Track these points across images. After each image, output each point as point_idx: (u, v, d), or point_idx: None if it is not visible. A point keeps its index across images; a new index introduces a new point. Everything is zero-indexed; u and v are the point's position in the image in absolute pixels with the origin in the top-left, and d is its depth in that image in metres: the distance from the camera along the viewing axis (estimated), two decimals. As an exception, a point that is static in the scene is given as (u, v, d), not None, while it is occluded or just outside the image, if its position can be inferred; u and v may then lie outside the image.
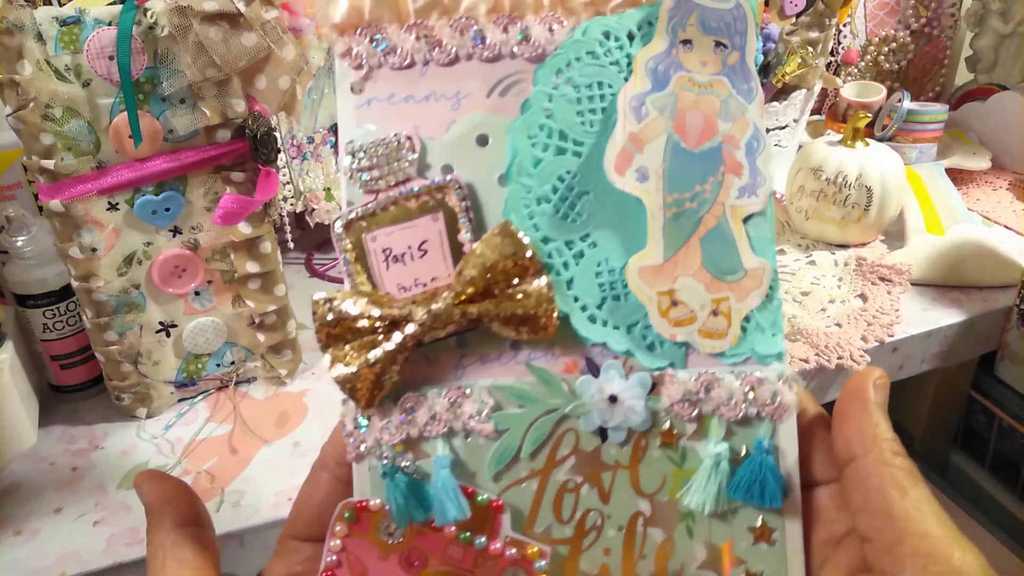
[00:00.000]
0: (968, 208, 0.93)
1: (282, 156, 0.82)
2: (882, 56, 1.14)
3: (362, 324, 0.29)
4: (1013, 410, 0.83)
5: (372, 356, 0.29)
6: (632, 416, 0.30)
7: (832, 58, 1.13)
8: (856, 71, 1.15)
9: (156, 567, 0.31)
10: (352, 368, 0.29)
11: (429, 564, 0.30)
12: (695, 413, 0.30)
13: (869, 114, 0.85)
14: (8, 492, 0.59)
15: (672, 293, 0.30)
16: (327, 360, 0.29)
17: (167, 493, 0.33)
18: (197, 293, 0.66)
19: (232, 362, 0.69)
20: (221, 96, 0.59)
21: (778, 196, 0.94)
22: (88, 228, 0.60)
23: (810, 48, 0.88)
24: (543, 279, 0.29)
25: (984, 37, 1.12)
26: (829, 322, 0.74)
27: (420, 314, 0.29)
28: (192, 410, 0.68)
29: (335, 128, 0.83)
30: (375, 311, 0.29)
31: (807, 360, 0.69)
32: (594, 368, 0.30)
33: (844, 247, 0.86)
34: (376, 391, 0.29)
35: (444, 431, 0.30)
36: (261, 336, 0.68)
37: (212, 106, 0.59)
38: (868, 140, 0.84)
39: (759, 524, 0.30)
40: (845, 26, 1.13)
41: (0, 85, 0.55)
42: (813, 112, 1.10)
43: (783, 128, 0.92)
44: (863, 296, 0.78)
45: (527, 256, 0.29)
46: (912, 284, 0.80)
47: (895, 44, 1.14)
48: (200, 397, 0.69)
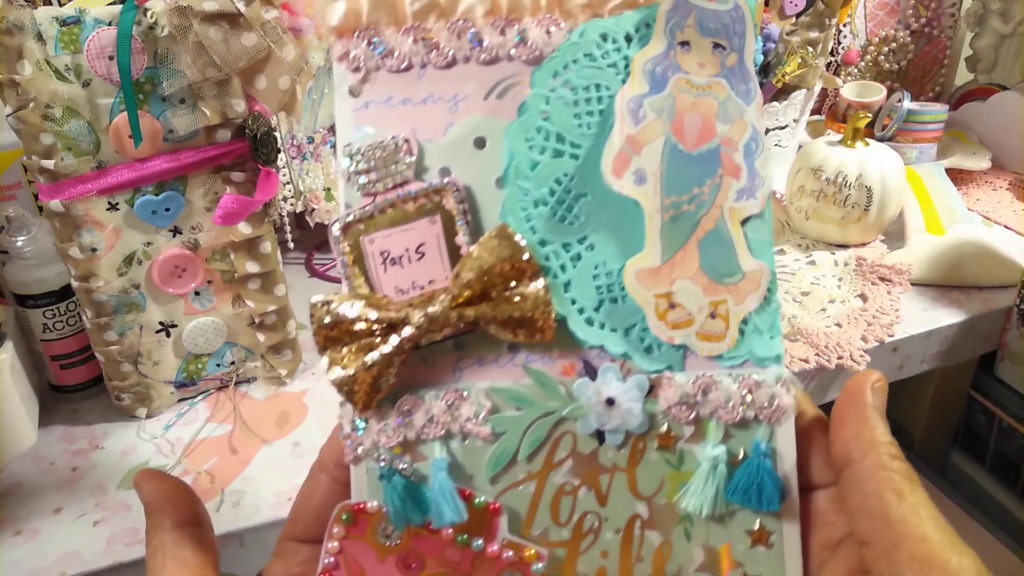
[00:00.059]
0: (968, 208, 0.93)
1: (282, 156, 0.82)
2: (882, 56, 1.14)
3: (359, 327, 0.29)
4: (1013, 410, 0.83)
5: (369, 359, 0.29)
6: (629, 419, 0.30)
7: (832, 58, 1.13)
8: (856, 71, 1.15)
9: (155, 567, 0.31)
10: (349, 371, 0.29)
11: (427, 566, 0.30)
12: (693, 416, 0.30)
13: (869, 114, 0.85)
14: (8, 492, 0.59)
15: (670, 296, 0.30)
16: (325, 362, 0.29)
17: (167, 493, 0.33)
18: (197, 293, 0.66)
19: (232, 362, 0.69)
20: (221, 96, 0.59)
21: (778, 196, 0.94)
22: (88, 228, 0.60)
23: (810, 48, 0.88)
24: (540, 282, 0.29)
25: (984, 37, 1.11)
26: (829, 322, 0.74)
27: (417, 317, 0.29)
28: (192, 410, 0.68)
29: (335, 128, 0.83)
30: (372, 314, 0.29)
31: (807, 360, 0.69)
32: (591, 371, 0.30)
33: (844, 247, 0.86)
34: (373, 394, 0.29)
35: (441, 434, 0.30)
36: (261, 336, 0.68)
37: (212, 106, 0.59)
38: (868, 140, 0.84)
39: (757, 527, 0.30)
40: (845, 26, 1.12)
41: (0, 85, 0.55)
42: (813, 112, 1.09)
43: (783, 128, 0.92)
44: (863, 296, 0.78)
45: (524, 259, 0.29)
46: (912, 284, 0.80)
47: (895, 44, 1.14)
48: (200, 397, 0.69)
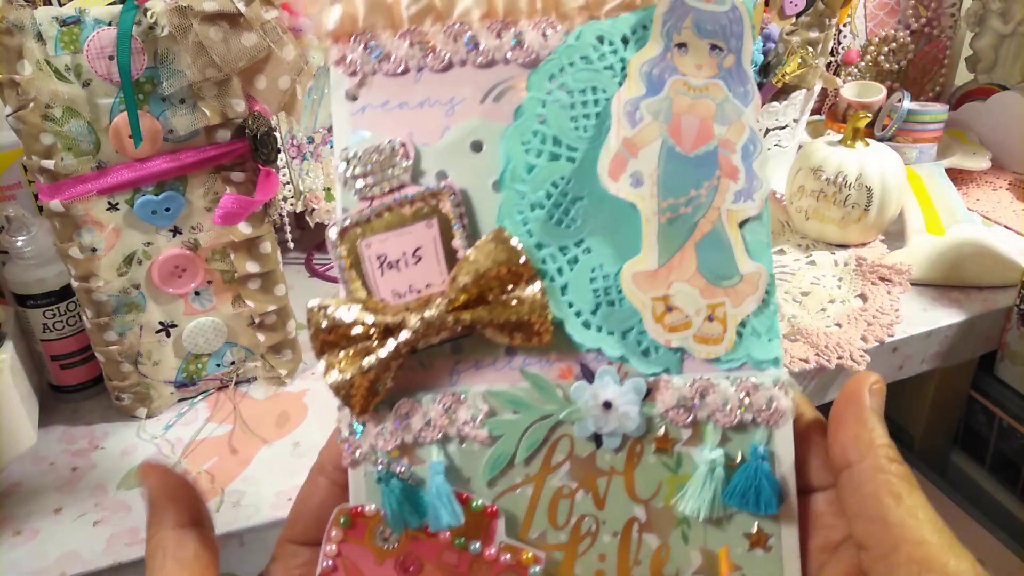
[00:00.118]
0: (968, 208, 0.93)
1: (282, 156, 0.82)
2: (882, 56, 1.14)
3: (356, 331, 0.29)
4: (1013, 410, 0.82)
5: (366, 363, 0.29)
6: (627, 422, 0.30)
7: (832, 58, 1.13)
8: (856, 71, 1.14)
9: (156, 567, 0.30)
10: (346, 375, 0.29)
11: (424, 569, 0.30)
12: (690, 419, 0.30)
13: (869, 114, 0.85)
14: (8, 492, 0.59)
15: (667, 299, 0.30)
16: (322, 366, 0.29)
17: (172, 490, 0.32)
18: (197, 293, 0.66)
19: (232, 362, 0.69)
20: (221, 96, 0.59)
21: (778, 196, 0.94)
22: (88, 228, 0.60)
23: (810, 48, 0.88)
24: (537, 285, 0.29)
25: (984, 37, 1.11)
26: (829, 322, 0.74)
27: (413, 321, 0.29)
28: (192, 410, 0.68)
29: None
30: (369, 318, 0.29)
31: (807, 360, 0.69)
32: (589, 374, 0.30)
33: (844, 247, 0.86)
34: (371, 397, 0.29)
35: (439, 437, 0.30)
36: (261, 336, 0.68)
37: (212, 106, 0.59)
38: (868, 140, 0.84)
39: (755, 530, 0.30)
40: (845, 26, 1.12)
41: (0, 85, 0.55)
42: (813, 112, 1.09)
43: (783, 128, 0.92)
44: (863, 296, 0.78)
45: (521, 262, 0.29)
46: (912, 284, 0.80)
47: (895, 44, 1.14)
48: (200, 397, 0.69)
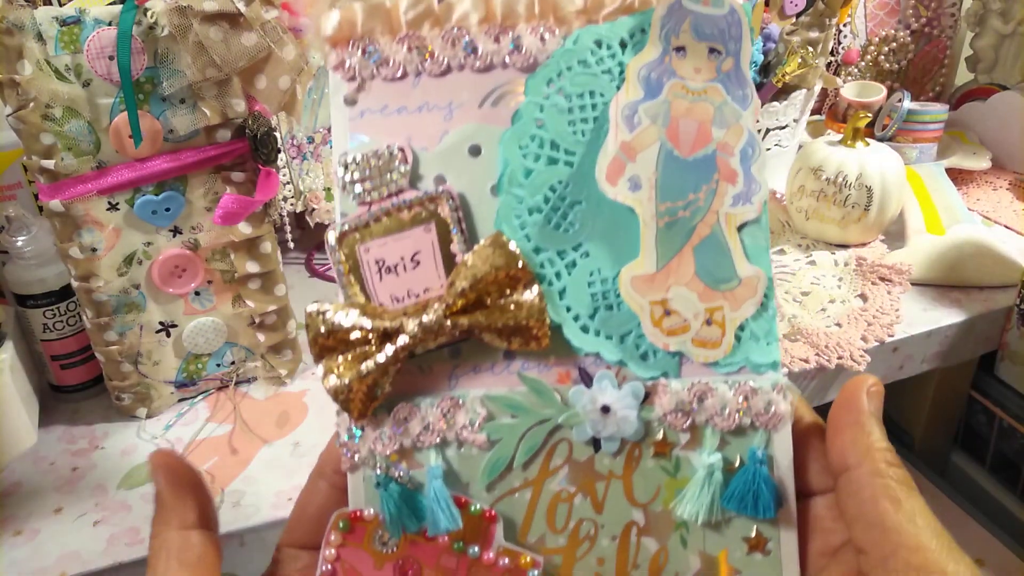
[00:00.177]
0: (968, 208, 0.93)
1: (282, 156, 0.82)
2: (882, 56, 1.14)
3: (355, 336, 0.29)
4: (1013, 410, 0.82)
5: (364, 368, 0.29)
6: (625, 426, 0.30)
7: (832, 58, 1.13)
8: (856, 71, 1.14)
9: (160, 568, 0.30)
10: (345, 380, 0.29)
11: (423, 573, 0.31)
12: (689, 423, 0.30)
13: (869, 114, 0.85)
14: (8, 492, 0.59)
15: (665, 302, 0.30)
16: (321, 370, 0.29)
17: (181, 488, 0.31)
18: (197, 293, 0.66)
19: (232, 362, 0.69)
20: (221, 96, 0.59)
21: (778, 196, 0.94)
22: (88, 228, 0.60)
23: (810, 48, 0.88)
24: (535, 289, 0.29)
25: (984, 37, 1.11)
26: (829, 322, 0.74)
27: (411, 326, 0.29)
28: (192, 410, 0.68)
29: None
30: (367, 323, 0.29)
31: (807, 360, 0.69)
32: (587, 378, 0.30)
33: (844, 247, 0.86)
34: (369, 402, 0.29)
35: (437, 441, 0.30)
36: (261, 336, 0.68)
37: (212, 106, 0.59)
38: (868, 140, 0.84)
39: (754, 534, 0.30)
40: (845, 26, 1.12)
41: (0, 85, 0.55)
42: (813, 112, 1.09)
43: (783, 128, 0.92)
44: (863, 296, 0.78)
45: (519, 267, 0.29)
46: (912, 284, 0.80)
47: (895, 44, 1.13)
48: (200, 397, 0.70)
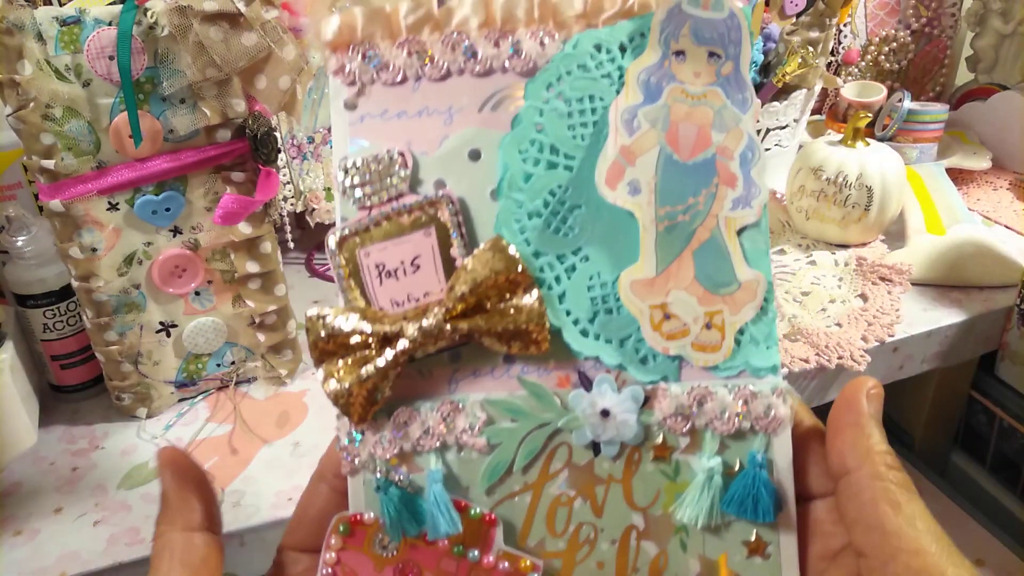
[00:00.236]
0: (968, 208, 0.93)
1: (282, 156, 0.82)
2: (882, 56, 1.14)
3: (355, 340, 0.29)
4: (1013, 410, 0.83)
5: (364, 372, 0.29)
6: (624, 430, 0.30)
7: (832, 58, 1.12)
8: (856, 71, 1.14)
9: (163, 569, 0.30)
10: (345, 384, 0.29)
11: None
12: (688, 427, 0.30)
13: (869, 114, 0.85)
14: (8, 492, 0.59)
15: (665, 306, 0.30)
16: (321, 374, 0.29)
17: (187, 489, 0.31)
18: (197, 293, 0.66)
19: (232, 362, 0.69)
20: (221, 96, 0.59)
21: (778, 196, 0.94)
22: (88, 228, 0.60)
23: (810, 48, 0.88)
24: (534, 294, 0.29)
25: (984, 37, 1.11)
26: (829, 322, 0.74)
27: (411, 330, 0.29)
28: (192, 410, 0.68)
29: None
30: (367, 327, 0.29)
31: (807, 360, 0.69)
32: (586, 382, 0.30)
33: (844, 247, 0.86)
34: (369, 406, 0.29)
35: (437, 445, 0.30)
36: (261, 336, 0.68)
37: (212, 106, 0.59)
38: (868, 140, 0.84)
39: (753, 538, 0.30)
40: (845, 26, 1.12)
41: (0, 85, 0.55)
42: (813, 112, 1.09)
43: (783, 128, 0.92)
44: (863, 296, 0.78)
45: (518, 271, 0.29)
46: (912, 284, 0.80)
47: (895, 44, 1.13)
48: (200, 397, 0.70)
